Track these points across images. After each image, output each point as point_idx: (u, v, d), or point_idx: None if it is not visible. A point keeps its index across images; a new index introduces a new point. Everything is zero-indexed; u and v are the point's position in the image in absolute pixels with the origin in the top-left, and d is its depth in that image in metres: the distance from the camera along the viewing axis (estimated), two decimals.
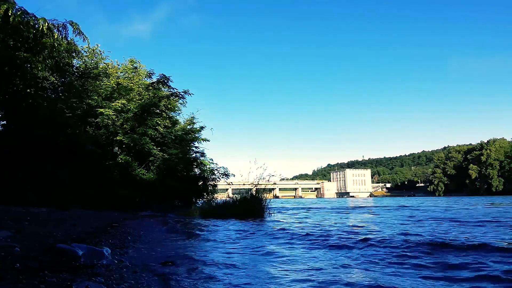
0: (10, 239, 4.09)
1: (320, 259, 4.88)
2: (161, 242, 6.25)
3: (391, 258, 4.77)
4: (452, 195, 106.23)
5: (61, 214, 7.94)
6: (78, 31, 12.65)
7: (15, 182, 10.24)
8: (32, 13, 11.19)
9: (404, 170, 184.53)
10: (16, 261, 3.15)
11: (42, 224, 5.86)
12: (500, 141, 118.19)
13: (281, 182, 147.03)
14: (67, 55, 14.05)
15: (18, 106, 11.90)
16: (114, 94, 17.59)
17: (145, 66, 20.62)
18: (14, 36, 11.37)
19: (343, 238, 6.75)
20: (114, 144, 16.84)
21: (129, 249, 4.96)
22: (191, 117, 20.72)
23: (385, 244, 5.80)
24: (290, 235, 7.36)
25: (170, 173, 17.34)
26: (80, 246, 3.86)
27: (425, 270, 4.05)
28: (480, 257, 4.54)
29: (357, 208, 23.78)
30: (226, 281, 3.55)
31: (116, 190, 13.87)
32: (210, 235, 7.71)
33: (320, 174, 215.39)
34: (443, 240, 5.94)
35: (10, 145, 10.94)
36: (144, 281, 3.28)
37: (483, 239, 5.98)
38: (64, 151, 12.37)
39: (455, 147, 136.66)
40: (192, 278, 3.62)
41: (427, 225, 9.51)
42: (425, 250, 5.14)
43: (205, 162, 20.64)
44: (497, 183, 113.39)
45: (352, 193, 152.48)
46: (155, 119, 17.39)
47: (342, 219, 12.93)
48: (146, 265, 3.94)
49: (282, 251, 5.56)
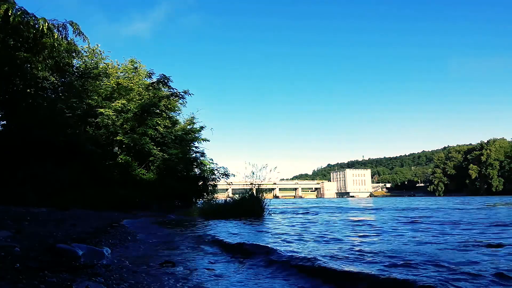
0: (10, 239, 4.10)
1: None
2: (161, 242, 6.25)
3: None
4: (452, 195, 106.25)
5: (61, 214, 7.95)
6: (78, 31, 12.67)
7: (15, 182, 10.25)
8: (32, 13, 11.20)
9: (404, 170, 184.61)
10: (16, 261, 3.15)
11: (42, 224, 5.87)
12: (500, 141, 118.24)
13: (281, 182, 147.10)
14: (67, 55, 14.07)
15: (18, 106, 11.90)
16: (114, 94, 17.60)
17: (145, 66, 20.68)
18: (14, 36, 11.38)
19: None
20: (114, 144, 16.85)
21: (129, 249, 4.96)
22: (191, 117, 20.77)
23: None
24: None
25: (170, 173, 17.35)
26: (80, 246, 3.87)
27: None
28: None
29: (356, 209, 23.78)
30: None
31: (116, 190, 13.88)
32: (209, 236, 7.71)
33: (320, 174, 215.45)
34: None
35: (10, 145, 10.95)
36: (144, 281, 3.29)
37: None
38: (64, 151, 12.38)
39: (455, 147, 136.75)
40: (192, 279, 3.62)
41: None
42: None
43: (205, 162, 20.66)
44: (497, 183, 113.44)
45: (352, 193, 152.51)
46: (155, 119, 17.40)
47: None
48: (146, 265, 3.94)
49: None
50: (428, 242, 5.56)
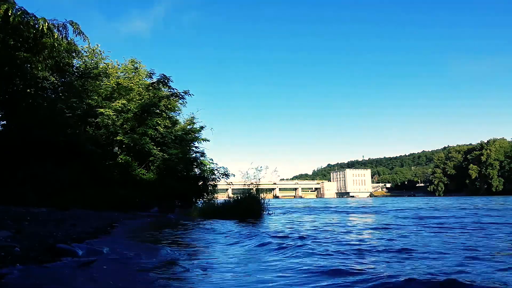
0: (10, 239, 4.10)
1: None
2: (161, 242, 6.25)
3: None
4: (452, 195, 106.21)
5: (61, 214, 7.95)
6: (78, 31, 12.66)
7: (15, 182, 10.25)
8: (32, 13, 11.19)
9: (404, 170, 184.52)
10: (16, 261, 3.16)
11: (42, 224, 5.87)
12: (500, 141, 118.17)
13: (281, 182, 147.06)
14: (67, 55, 14.05)
15: (18, 106, 11.90)
16: (114, 94, 17.58)
17: (145, 66, 20.64)
18: (14, 36, 11.37)
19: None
20: (114, 144, 16.84)
21: (129, 249, 4.96)
22: (191, 117, 20.75)
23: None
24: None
25: (170, 173, 17.35)
26: (80, 246, 3.87)
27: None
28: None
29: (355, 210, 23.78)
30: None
31: (116, 190, 13.87)
32: (208, 236, 7.72)
33: (320, 174, 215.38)
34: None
35: (10, 145, 10.94)
36: (144, 281, 3.29)
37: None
38: (64, 151, 12.37)
39: (455, 147, 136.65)
40: (190, 279, 3.62)
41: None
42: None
43: (205, 162, 20.65)
44: (497, 183, 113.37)
45: (352, 193, 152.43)
46: (155, 119, 17.39)
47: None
48: (146, 265, 3.94)
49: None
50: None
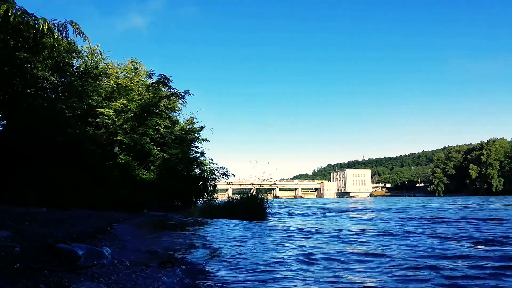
0: (10, 239, 4.10)
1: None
2: (161, 242, 6.25)
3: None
4: (452, 195, 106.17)
5: (61, 214, 7.95)
6: (79, 31, 12.63)
7: (15, 182, 10.23)
8: (32, 13, 11.17)
9: (404, 170, 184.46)
10: (16, 261, 3.15)
11: (42, 224, 5.87)
12: (500, 141, 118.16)
13: (281, 182, 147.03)
14: (67, 55, 14.05)
15: (18, 106, 11.89)
16: (114, 94, 17.57)
17: (145, 67, 20.65)
18: (14, 36, 11.36)
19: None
20: (114, 144, 16.84)
21: (129, 249, 4.96)
22: (191, 117, 20.76)
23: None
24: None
25: (170, 173, 17.34)
26: (80, 246, 3.86)
27: None
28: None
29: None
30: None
31: (116, 190, 13.87)
32: (208, 236, 7.71)
33: (320, 174, 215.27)
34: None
35: (10, 145, 10.93)
36: (144, 281, 3.29)
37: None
38: (64, 151, 12.35)
39: (455, 147, 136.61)
40: (189, 279, 3.62)
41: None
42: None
43: (205, 162, 20.66)
44: (497, 183, 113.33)
45: (352, 193, 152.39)
46: (155, 119, 17.40)
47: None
48: (146, 265, 3.94)
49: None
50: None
